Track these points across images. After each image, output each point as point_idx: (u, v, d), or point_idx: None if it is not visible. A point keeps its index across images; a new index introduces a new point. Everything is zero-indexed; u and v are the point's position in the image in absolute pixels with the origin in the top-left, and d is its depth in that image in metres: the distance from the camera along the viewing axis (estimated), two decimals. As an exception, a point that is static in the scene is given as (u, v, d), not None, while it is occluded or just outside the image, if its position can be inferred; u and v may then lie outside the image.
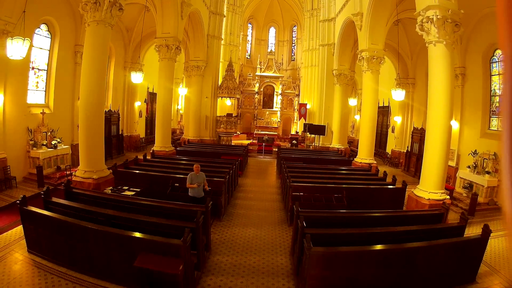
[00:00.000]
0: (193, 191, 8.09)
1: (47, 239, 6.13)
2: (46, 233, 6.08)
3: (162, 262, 4.93)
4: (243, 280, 6.01)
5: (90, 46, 9.01)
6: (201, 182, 8.14)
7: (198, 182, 8.08)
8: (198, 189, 8.11)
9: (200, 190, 8.15)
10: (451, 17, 7.85)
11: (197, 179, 8.09)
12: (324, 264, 4.96)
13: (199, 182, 8.10)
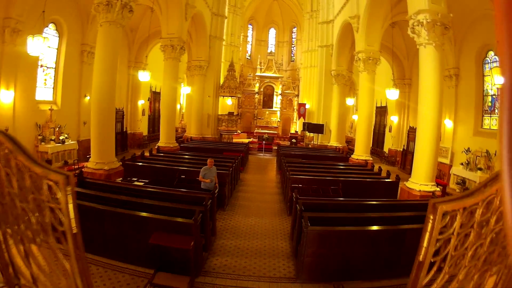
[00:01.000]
0: (206, 184, 8.52)
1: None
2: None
3: (174, 240, 5.48)
4: (246, 261, 6.58)
5: (102, 46, 9.56)
6: (213, 175, 8.59)
7: (211, 175, 8.52)
8: (211, 183, 8.51)
9: (212, 183, 8.53)
10: (440, 20, 8.42)
11: (210, 173, 8.53)
12: (320, 242, 5.53)
13: (212, 176, 8.54)
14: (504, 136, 0.49)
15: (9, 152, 1.89)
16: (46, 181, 1.68)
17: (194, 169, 10.47)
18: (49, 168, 1.71)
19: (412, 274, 1.80)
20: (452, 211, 1.56)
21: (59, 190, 1.65)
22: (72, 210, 1.66)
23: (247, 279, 5.90)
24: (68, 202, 1.65)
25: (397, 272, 5.76)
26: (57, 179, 1.64)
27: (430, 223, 1.60)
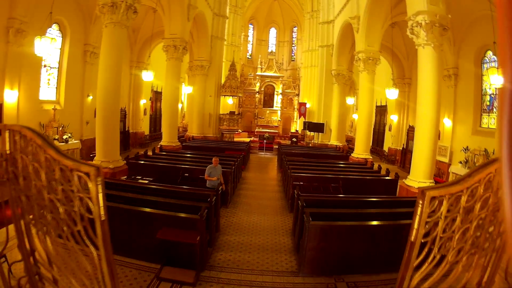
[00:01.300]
0: (211, 183, 8.63)
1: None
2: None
3: (181, 235, 5.68)
4: (249, 256, 6.78)
5: (107, 46, 9.75)
6: (219, 174, 8.71)
7: (216, 174, 8.64)
8: (215, 182, 8.61)
9: (218, 181, 8.63)
10: (439, 21, 8.60)
11: (215, 171, 8.67)
12: (321, 236, 5.72)
13: (217, 174, 8.66)
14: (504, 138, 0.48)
15: (38, 147, 2.08)
16: (77, 173, 1.87)
17: (197, 167, 10.68)
18: (80, 161, 1.90)
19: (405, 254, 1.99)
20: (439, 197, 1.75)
21: (90, 181, 1.84)
22: (101, 199, 1.85)
23: (250, 273, 6.09)
24: (98, 192, 1.84)
25: (396, 266, 5.91)
26: (88, 170, 1.83)
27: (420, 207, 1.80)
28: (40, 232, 2.23)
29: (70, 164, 1.88)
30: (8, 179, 2.36)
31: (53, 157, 1.95)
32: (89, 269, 2.14)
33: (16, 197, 2.37)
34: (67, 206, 1.99)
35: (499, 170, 1.77)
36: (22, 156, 2.20)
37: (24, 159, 2.18)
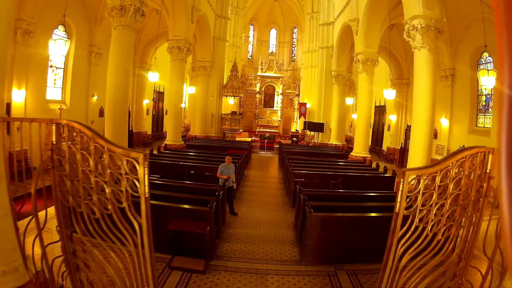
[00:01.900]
0: (223, 181, 8.77)
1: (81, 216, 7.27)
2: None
3: (191, 225, 6.09)
4: (254, 247, 7.19)
5: (116, 48, 10.14)
6: (231, 172, 8.91)
7: (228, 172, 8.84)
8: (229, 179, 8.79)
9: (230, 180, 8.83)
10: (434, 25, 9.01)
11: (227, 170, 8.85)
12: (322, 227, 6.14)
13: (230, 173, 8.84)
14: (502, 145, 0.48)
15: (87, 138, 2.50)
16: (126, 158, 2.27)
17: (201, 165, 11.09)
18: (128, 149, 2.30)
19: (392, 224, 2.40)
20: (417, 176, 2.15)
21: (139, 164, 2.24)
22: (147, 180, 2.26)
23: (256, 262, 6.51)
24: (145, 174, 2.24)
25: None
26: (137, 156, 2.23)
27: (401, 184, 2.20)
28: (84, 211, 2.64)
29: (120, 151, 2.28)
30: (52, 166, 2.78)
31: (103, 145, 2.36)
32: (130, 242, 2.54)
33: (59, 182, 2.78)
34: (114, 187, 2.39)
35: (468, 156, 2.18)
36: (70, 146, 2.61)
37: (72, 148, 2.59)
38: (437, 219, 2.22)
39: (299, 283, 5.86)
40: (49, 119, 2.75)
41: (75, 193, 2.71)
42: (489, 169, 2.37)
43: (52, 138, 2.63)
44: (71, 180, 2.69)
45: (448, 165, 2.11)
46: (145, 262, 2.56)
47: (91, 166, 2.49)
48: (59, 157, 2.71)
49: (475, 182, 2.30)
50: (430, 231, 2.28)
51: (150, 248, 2.53)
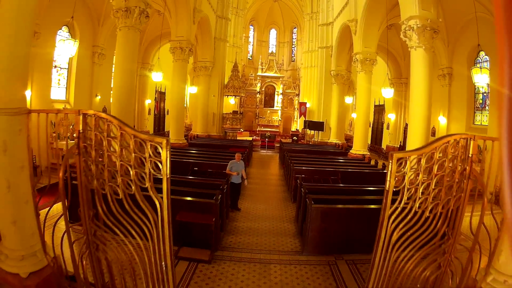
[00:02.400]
0: (233, 177, 8.90)
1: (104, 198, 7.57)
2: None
3: (198, 217, 6.38)
4: (258, 238, 7.49)
5: (122, 48, 10.42)
6: (240, 169, 9.03)
7: (238, 169, 8.96)
8: (237, 176, 8.96)
9: (239, 176, 8.98)
10: (430, 25, 9.30)
11: (237, 166, 9.01)
12: (322, 218, 6.43)
13: (239, 169, 8.99)
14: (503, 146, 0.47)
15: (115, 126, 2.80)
16: (150, 143, 2.57)
17: (204, 161, 11.38)
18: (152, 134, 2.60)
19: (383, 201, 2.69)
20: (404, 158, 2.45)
21: (162, 148, 2.54)
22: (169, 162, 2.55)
23: (259, 253, 6.80)
24: (167, 157, 2.53)
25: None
26: (161, 141, 2.53)
27: (390, 164, 2.50)
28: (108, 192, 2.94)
29: (145, 137, 2.58)
30: (79, 153, 3.08)
31: (129, 132, 2.66)
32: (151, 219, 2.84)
33: (84, 167, 3.08)
34: (138, 169, 2.69)
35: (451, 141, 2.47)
36: (96, 133, 2.91)
37: (98, 136, 2.89)
38: (424, 197, 2.51)
39: (301, 271, 6.15)
40: (76, 110, 3.05)
41: (99, 176, 3.01)
42: (471, 154, 2.67)
43: (79, 127, 2.92)
44: (96, 165, 2.99)
45: (432, 149, 2.41)
46: (164, 238, 2.86)
47: (117, 151, 2.79)
48: (85, 144, 3.01)
49: (459, 165, 2.60)
50: (418, 208, 2.57)
51: (169, 225, 2.83)
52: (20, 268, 3.51)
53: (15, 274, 3.48)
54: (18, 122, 3.33)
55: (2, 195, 3.33)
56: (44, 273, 3.63)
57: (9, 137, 3.25)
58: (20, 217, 3.52)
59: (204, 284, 5.54)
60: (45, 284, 3.59)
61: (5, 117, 3.19)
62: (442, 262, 3.15)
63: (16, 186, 3.38)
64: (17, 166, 3.38)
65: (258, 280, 5.78)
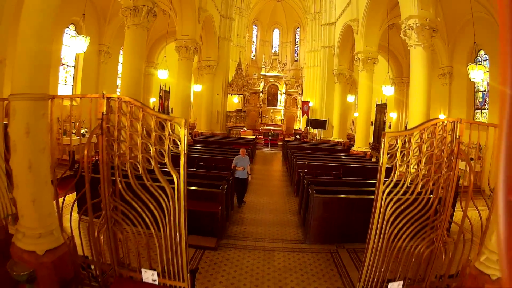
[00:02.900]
0: (238, 173, 8.99)
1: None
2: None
3: (205, 205, 6.69)
4: (262, 228, 7.79)
5: (130, 46, 10.77)
6: (245, 164, 9.11)
7: (243, 164, 9.03)
8: (244, 171, 9.02)
9: (245, 172, 9.05)
10: (428, 24, 9.58)
11: (242, 161, 9.07)
12: (324, 207, 6.73)
13: (245, 165, 9.05)
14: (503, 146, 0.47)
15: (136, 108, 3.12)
16: (170, 122, 2.89)
17: (209, 156, 11.72)
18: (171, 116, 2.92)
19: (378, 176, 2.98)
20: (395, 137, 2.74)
21: (181, 127, 2.85)
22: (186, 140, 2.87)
23: (263, 241, 7.10)
24: (185, 134, 2.85)
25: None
26: (179, 121, 2.85)
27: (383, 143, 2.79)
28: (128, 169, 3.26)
29: (166, 117, 2.91)
30: (102, 133, 3.40)
31: (150, 113, 2.99)
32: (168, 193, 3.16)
33: (107, 146, 3.40)
34: (157, 146, 3.02)
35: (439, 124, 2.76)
36: (118, 115, 3.23)
37: (120, 117, 3.21)
38: (415, 173, 2.81)
39: (303, 258, 6.44)
40: (101, 94, 3.37)
41: (120, 154, 3.33)
42: (458, 135, 2.96)
43: (103, 109, 3.25)
44: (118, 143, 3.32)
45: (421, 129, 2.70)
46: (179, 210, 3.18)
47: (138, 130, 3.11)
48: (108, 125, 3.34)
49: (447, 146, 2.89)
50: (410, 184, 2.86)
51: (184, 197, 3.15)
52: (37, 245, 3.71)
53: (31, 251, 3.67)
54: (41, 107, 3.65)
55: (23, 175, 3.59)
56: (59, 251, 3.85)
57: (33, 120, 3.53)
58: (39, 196, 3.73)
59: (211, 269, 5.84)
60: (60, 261, 3.81)
61: (30, 102, 3.49)
62: (435, 237, 3.45)
63: (37, 167, 3.63)
64: (39, 148, 3.66)
65: (262, 265, 6.08)
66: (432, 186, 2.95)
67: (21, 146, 3.47)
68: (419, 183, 2.88)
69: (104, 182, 3.47)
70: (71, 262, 4.03)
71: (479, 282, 3.57)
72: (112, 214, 3.58)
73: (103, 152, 3.32)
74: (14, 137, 3.49)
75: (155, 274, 3.42)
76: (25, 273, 3.51)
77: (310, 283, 5.60)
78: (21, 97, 3.43)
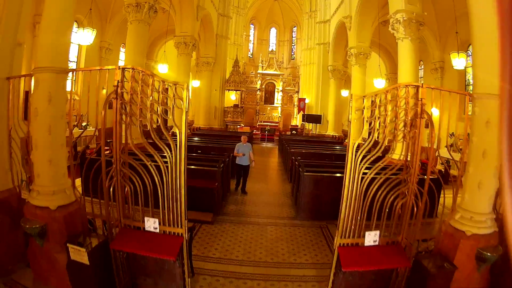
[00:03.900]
0: (240, 159, 9.26)
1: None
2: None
3: (202, 182, 7.22)
4: (256, 207, 8.33)
5: (132, 41, 11.29)
6: (247, 151, 9.32)
7: (244, 151, 9.25)
8: (245, 157, 9.26)
9: (246, 158, 9.28)
10: (415, 18, 10.13)
11: (243, 148, 9.32)
12: (314, 185, 7.26)
13: (246, 151, 9.29)
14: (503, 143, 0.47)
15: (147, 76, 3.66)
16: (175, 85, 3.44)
17: (207, 145, 12.29)
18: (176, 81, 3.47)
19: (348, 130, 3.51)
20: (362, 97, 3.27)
21: (184, 89, 3.39)
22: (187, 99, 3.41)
23: (257, 218, 7.64)
24: (187, 96, 3.38)
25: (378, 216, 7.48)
26: (183, 84, 3.39)
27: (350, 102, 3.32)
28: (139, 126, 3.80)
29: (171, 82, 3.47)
30: (116, 97, 3.93)
31: (159, 79, 3.54)
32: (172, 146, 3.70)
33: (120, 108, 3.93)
34: (164, 106, 3.56)
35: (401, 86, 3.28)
36: (132, 83, 3.77)
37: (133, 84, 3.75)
38: (382, 129, 3.33)
39: (294, 232, 6.98)
40: (116, 66, 3.91)
41: (132, 114, 3.87)
42: (421, 98, 3.49)
43: (118, 77, 3.78)
44: (130, 105, 3.85)
45: (385, 91, 3.22)
46: (180, 160, 3.71)
47: (148, 93, 3.66)
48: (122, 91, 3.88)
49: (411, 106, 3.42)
50: (377, 138, 3.39)
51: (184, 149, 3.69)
52: (50, 201, 4.13)
53: (44, 207, 4.09)
54: (61, 79, 4.18)
55: (44, 137, 4.08)
56: (70, 208, 4.29)
57: (54, 90, 4.05)
58: (56, 157, 4.21)
59: (207, 239, 6.37)
60: (70, 216, 4.25)
61: (52, 74, 4.02)
62: (406, 191, 3.98)
63: (56, 131, 4.14)
64: (58, 115, 4.19)
65: (256, 237, 6.61)
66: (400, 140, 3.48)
67: (42, 112, 3.99)
68: (386, 137, 3.40)
69: (116, 140, 3.98)
70: (80, 218, 4.50)
71: (455, 238, 4.09)
72: (121, 167, 4.09)
73: (116, 113, 3.85)
74: (36, 105, 4.01)
75: (156, 222, 3.93)
76: (38, 226, 3.99)
77: (300, 251, 6.13)
78: (45, 69, 3.96)
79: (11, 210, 4.82)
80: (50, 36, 4.14)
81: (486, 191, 4.05)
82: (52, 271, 4.21)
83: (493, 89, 3.85)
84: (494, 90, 3.84)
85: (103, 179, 3.97)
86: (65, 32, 4.24)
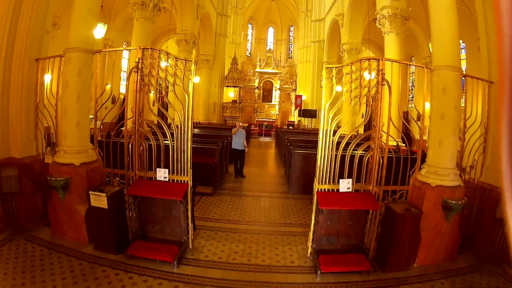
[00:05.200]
0: (235, 144, 9.89)
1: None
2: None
3: (204, 159, 8.02)
4: (254, 185, 9.15)
5: (138, 37, 12.12)
6: (242, 137, 9.84)
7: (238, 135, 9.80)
8: (239, 142, 9.81)
9: (241, 143, 9.82)
10: (400, 13, 10.96)
11: (238, 133, 9.83)
12: (304, 162, 8.07)
13: (241, 137, 9.82)
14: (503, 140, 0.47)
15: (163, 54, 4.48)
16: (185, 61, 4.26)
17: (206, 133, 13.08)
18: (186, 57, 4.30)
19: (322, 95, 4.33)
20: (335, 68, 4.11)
21: (192, 63, 4.21)
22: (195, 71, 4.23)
23: (253, 192, 8.45)
24: (194, 68, 4.22)
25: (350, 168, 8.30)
26: (191, 59, 4.22)
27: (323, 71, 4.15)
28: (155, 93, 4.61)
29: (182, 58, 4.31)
30: (137, 70, 4.73)
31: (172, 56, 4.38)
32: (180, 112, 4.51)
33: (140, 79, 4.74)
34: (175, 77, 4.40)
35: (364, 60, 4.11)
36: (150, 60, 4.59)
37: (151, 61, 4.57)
38: (349, 94, 4.16)
39: (286, 201, 7.81)
40: (138, 46, 4.73)
41: (149, 84, 4.69)
42: (382, 68, 4.33)
43: (139, 55, 4.61)
44: (148, 77, 4.67)
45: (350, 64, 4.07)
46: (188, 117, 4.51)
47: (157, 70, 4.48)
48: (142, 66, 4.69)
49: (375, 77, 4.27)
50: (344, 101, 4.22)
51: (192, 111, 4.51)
52: (75, 159, 4.87)
53: (69, 164, 4.80)
54: (89, 58, 5.00)
55: (73, 104, 4.87)
56: (92, 165, 5.07)
57: (83, 67, 4.88)
58: (82, 121, 5.00)
59: (207, 206, 7.19)
60: (92, 172, 5.00)
61: (82, 53, 4.84)
62: (373, 144, 4.81)
63: (83, 99, 4.96)
64: (86, 87, 5.02)
65: (251, 205, 7.44)
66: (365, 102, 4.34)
67: (72, 83, 4.80)
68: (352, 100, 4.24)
69: (136, 106, 4.79)
70: (100, 174, 5.26)
71: (422, 190, 4.85)
72: (139, 128, 4.90)
73: (137, 83, 4.67)
74: (67, 78, 4.82)
75: (166, 172, 4.73)
76: (63, 178, 4.72)
77: (290, 215, 6.95)
78: (75, 49, 4.78)
79: (34, 175, 5.58)
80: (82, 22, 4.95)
81: (446, 148, 4.82)
82: (70, 223, 4.91)
83: (445, 62, 4.74)
84: (446, 62, 4.73)
85: (125, 136, 4.78)
86: (93, 20, 5.06)
